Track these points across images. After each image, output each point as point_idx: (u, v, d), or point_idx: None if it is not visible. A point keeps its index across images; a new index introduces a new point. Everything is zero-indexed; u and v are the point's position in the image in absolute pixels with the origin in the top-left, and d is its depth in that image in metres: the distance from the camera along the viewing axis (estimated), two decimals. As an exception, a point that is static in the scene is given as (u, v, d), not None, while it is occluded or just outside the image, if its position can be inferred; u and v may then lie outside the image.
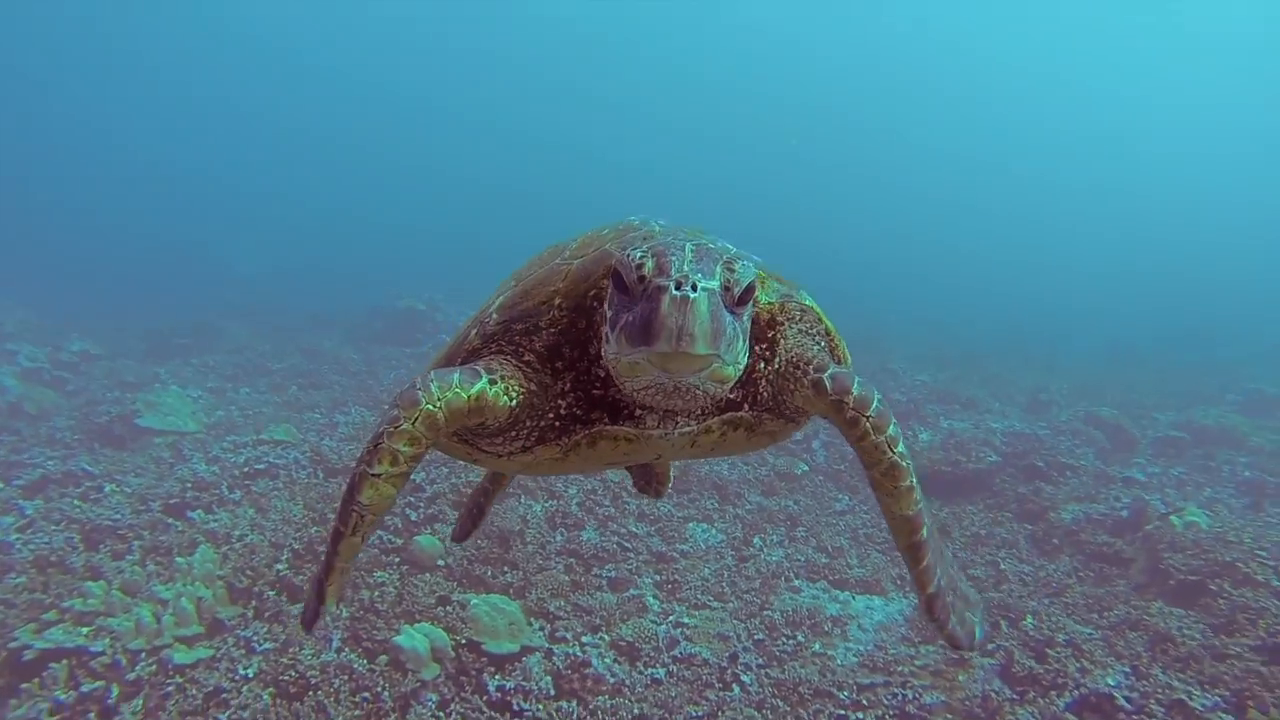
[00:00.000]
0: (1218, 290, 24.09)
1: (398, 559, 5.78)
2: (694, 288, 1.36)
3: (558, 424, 1.74)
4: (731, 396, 1.77)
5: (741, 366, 1.54)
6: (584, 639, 5.07)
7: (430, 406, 1.56)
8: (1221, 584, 5.64)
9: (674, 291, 1.36)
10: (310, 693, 4.11)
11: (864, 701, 4.38)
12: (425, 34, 50.25)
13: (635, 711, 4.34)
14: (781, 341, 1.81)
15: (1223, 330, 19.12)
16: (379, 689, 4.19)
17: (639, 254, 1.46)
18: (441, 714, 4.20)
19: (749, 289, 1.51)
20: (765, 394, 1.82)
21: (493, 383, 1.65)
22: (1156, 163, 49.11)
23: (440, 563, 5.82)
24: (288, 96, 51.39)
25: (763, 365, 1.80)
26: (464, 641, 4.71)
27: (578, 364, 1.71)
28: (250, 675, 4.32)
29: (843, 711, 4.28)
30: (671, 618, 5.48)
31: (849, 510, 7.75)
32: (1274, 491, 8.25)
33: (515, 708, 4.33)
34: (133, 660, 4.43)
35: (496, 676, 4.54)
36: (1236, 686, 4.51)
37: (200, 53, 47.90)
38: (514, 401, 1.68)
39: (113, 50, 46.57)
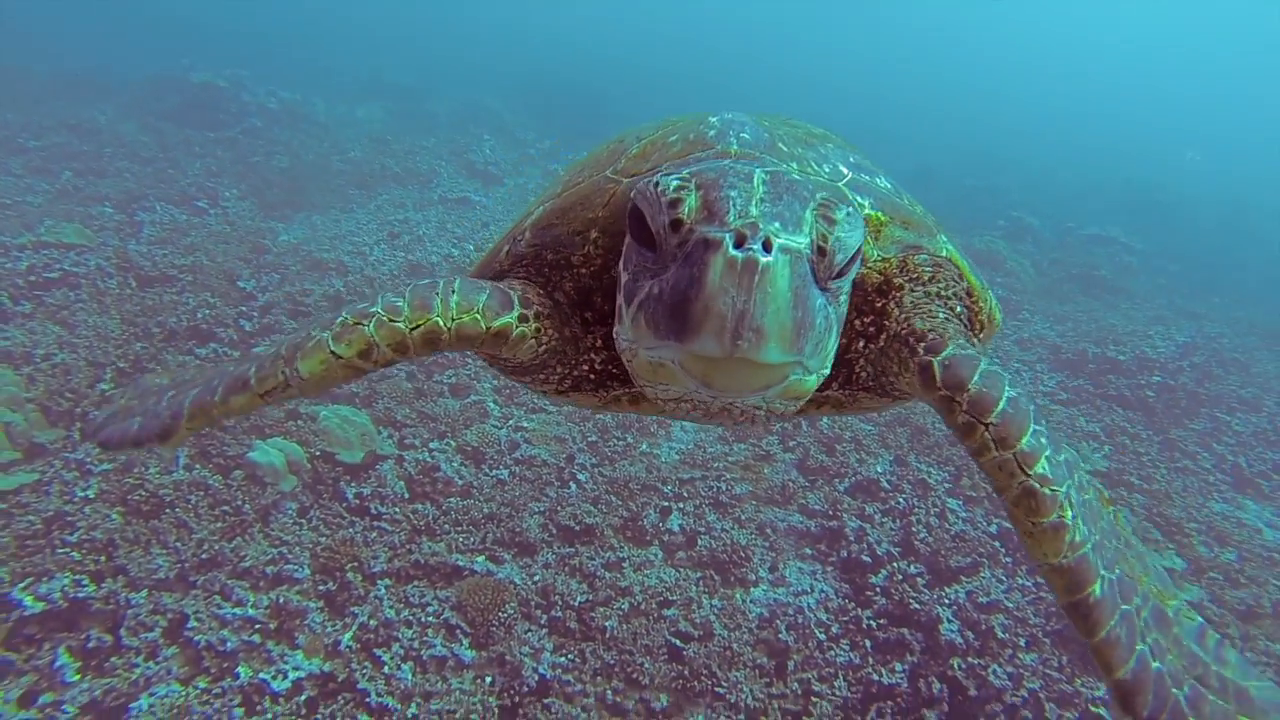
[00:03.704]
0: (1001, 127, 26.47)
1: (235, 374, 5.66)
2: (766, 246, 0.92)
3: (593, 376, 1.45)
4: None
5: (825, 373, 1.11)
6: (431, 445, 5.38)
7: (440, 320, 1.25)
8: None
9: (732, 251, 0.91)
10: (166, 510, 4.18)
11: (684, 494, 5.22)
12: None
13: (485, 511, 4.86)
14: (894, 312, 1.37)
15: (1000, 159, 21.35)
16: (239, 502, 4.36)
17: (674, 182, 1.02)
18: (303, 521, 4.47)
19: (855, 254, 1.06)
20: (864, 374, 1.42)
21: (523, 320, 1.33)
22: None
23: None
24: None
25: (863, 344, 1.39)
26: (318, 453, 4.90)
27: (610, 319, 1.28)
28: (91, 496, 4.27)
29: (666, 503, 5.10)
30: (511, 422, 5.85)
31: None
32: (1015, 307, 10.00)
33: (373, 511, 4.69)
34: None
35: (353, 484, 4.83)
36: (959, 463, 5.87)
37: None
38: (542, 347, 1.38)
39: None
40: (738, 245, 0.92)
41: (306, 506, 4.59)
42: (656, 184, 1.04)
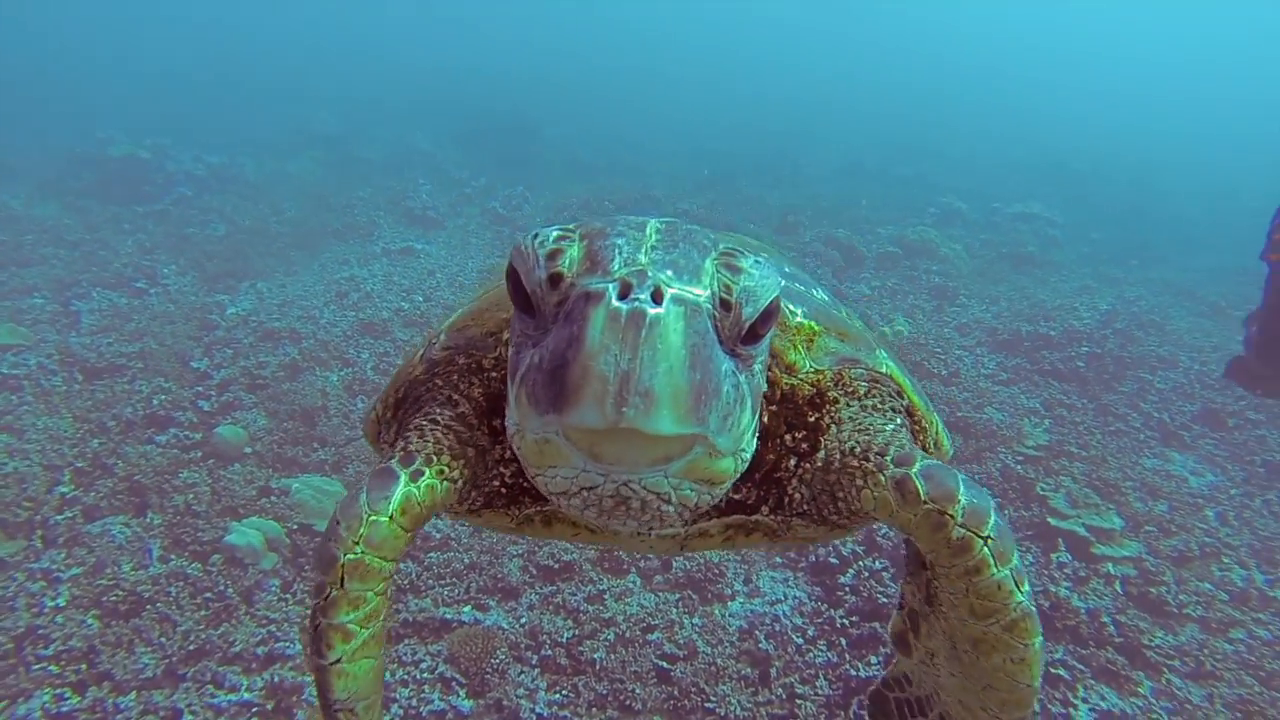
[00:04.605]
0: (921, 117, 27.49)
1: (200, 454, 5.68)
2: (656, 297, 0.83)
3: (504, 490, 1.32)
4: (737, 496, 1.25)
5: (745, 456, 1.05)
6: (407, 501, 5.46)
7: (351, 556, 1.14)
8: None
9: (615, 303, 0.82)
10: (147, 606, 4.20)
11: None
12: None
13: (466, 561, 4.98)
14: (832, 429, 1.28)
15: (923, 148, 22.21)
16: (221, 587, 4.39)
17: (554, 233, 0.94)
18: (288, 596, 4.53)
19: (768, 311, 0.96)
20: (799, 496, 1.29)
21: (416, 476, 1.20)
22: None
23: (247, 450, 5.81)
24: None
25: (794, 462, 1.28)
26: (295, 527, 4.96)
27: None
28: (63, 604, 4.26)
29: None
30: (483, 469, 6.01)
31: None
32: (952, 294, 10.47)
33: (356, 576, 4.76)
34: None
35: (332, 552, 4.89)
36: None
37: None
38: (459, 481, 1.26)
39: None
40: (622, 296, 0.82)
41: (290, 581, 4.65)
42: (535, 235, 0.95)
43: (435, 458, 1.24)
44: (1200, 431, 7.23)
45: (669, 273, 0.86)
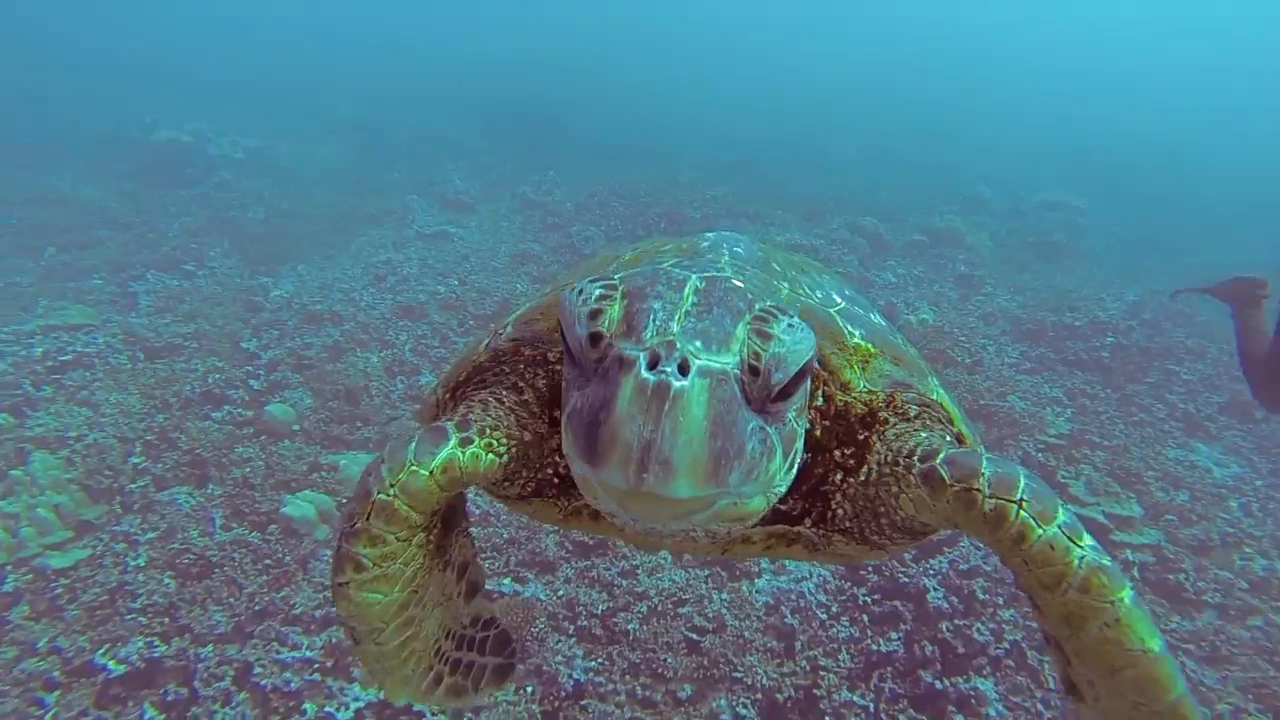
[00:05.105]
0: (948, 97, 27.13)
1: (252, 430, 6.00)
2: (683, 368, 0.89)
3: (557, 480, 1.38)
4: (783, 508, 1.30)
5: (779, 490, 1.10)
6: (447, 478, 5.77)
7: (384, 496, 1.19)
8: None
9: (644, 374, 0.88)
10: (215, 570, 4.54)
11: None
12: None
13: (505, 536, 5.26)
14: (876, 445, 1.31)
15: (948, 134, 21.98)
16: (280, 555, 4.72)
17: (597, 291, 1.00)
18: (341, 565, 4.84)
19: (800, 374, 1.01)
20: (842, 511, 1.34)
21: (465, 443, 1.24)
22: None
23: (296, 428, 6.12)
24: None
25: (839, 477, 1.33)
26: (346, 501, 5.25)
27: None
28: (143, 564, 4.61)
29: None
30: (520, 446, 6.29)
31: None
32: (977, 283, 10.52)
33: (403, 547, 5.06)
34: (-1, 576, 4.49)
35: (380, 525, 5.19)
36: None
37: None
38: (505, 458, 1.30)
39: None
40: (651, 366, 0.88)
41: (341, 551, 4.95)
42: (580, 291, 1.00)
43: (489, 430, 1.29)
44: (1226, 423, 7.29)
45: (698, 343, 0.92)
